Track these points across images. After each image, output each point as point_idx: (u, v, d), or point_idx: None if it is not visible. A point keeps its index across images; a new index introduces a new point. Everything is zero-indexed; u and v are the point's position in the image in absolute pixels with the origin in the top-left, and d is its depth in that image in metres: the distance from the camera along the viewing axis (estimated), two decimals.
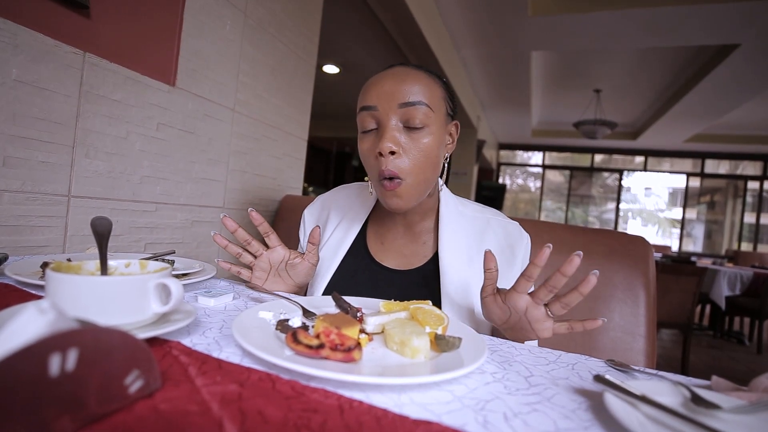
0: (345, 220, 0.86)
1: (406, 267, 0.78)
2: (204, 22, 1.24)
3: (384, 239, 0.82)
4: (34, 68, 0.84)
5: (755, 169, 8.10)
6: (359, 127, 0.71)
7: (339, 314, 0.50)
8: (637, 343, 0.93)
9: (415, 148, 0.67)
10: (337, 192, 0.93)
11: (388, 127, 0.66)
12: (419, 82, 0.67)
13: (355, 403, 0.33)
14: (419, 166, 0.67)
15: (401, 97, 0.66)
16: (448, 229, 0.77)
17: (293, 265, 0.73)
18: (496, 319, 0.60)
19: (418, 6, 3.02)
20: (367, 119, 0.69)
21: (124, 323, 0.41)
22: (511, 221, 0.82)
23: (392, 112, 0.66)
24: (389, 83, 0.67)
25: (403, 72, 0.68)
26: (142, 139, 1.10)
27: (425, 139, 0.67)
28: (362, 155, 0.71)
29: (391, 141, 0.65)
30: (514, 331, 0.60)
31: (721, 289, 3.59)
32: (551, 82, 5.60)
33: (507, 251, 0.77)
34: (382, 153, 0.65)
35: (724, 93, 4.88)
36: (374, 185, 0.72)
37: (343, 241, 0.82)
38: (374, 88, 0.68)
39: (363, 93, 0.70)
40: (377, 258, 0.80)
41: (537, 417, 0.34)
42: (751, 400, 0.38)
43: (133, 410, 0.29)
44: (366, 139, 0.70)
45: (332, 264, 0.80)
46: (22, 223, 0.86)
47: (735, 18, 3.23)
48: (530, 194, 9.94)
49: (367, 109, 0.68)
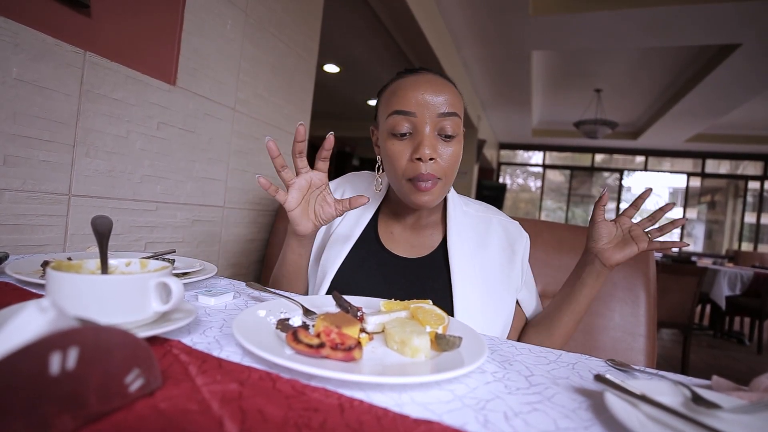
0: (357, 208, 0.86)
1: (415, 255, 0.82)
2: (204, 21, 1.24)
3: (393, 229, 0.85)
4: (34, 67, 0.84)
5: (756, 169, 8.09)
6: (389, 128, 0.72)
7: (339, 313, 0.50)
8: (638, 342, 0.93)
9: (448, 155, 0.72)
10: (350, 178, 0.94)
11: (428, 135, 0.70)
12: (452, 93, 0.73)
13: (356, 402, 0.33)
14: (451, 170, 0.73)
15: (440, 108, 0.70)
16: (455, 222, 0.82)
17: (324, 200, 0.71)
18: (605, 235, 0.72)
19: (418, 5, 3.02)
20: (401, 123, 0.71)
21: (125, 322, 0.41)
22: (512, 221, 0.87)
23: (432, 120, 0.70)
24: (429, 92, 0.70)
25: (438, 82, 0.73)
26: (143, 138, 1.10)
27: (456, 146, 0.73)
28: (392, 156, 0.73)
29: (431, 148, 0.70)
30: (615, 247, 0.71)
31: (721, 289, 3.59)
32: (552, 81, 5.59)
33: (508, 249, 0.82)
34: (423, 159, 0.69)
35: (725, 93, 4.88)
36: (399, 183, 0.74)
37: (354, 229, 0.84)
38: (412, 95, 0.70)
39: (396, 96, 0.72)
40: (387, 246, 0.83)
41: (537, 416, 0.34)
42: (752, 399, 0.38)
43: (134, 409, 0.29)
44: (399, 142, 0.72)
45: (343, 250, 0.82)
46: (23, 221, 0.86)
47: (736, 18, 3.22)
48: (531, 194, 9.94)
49: (403, 113, 0.71)
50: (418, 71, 0.75)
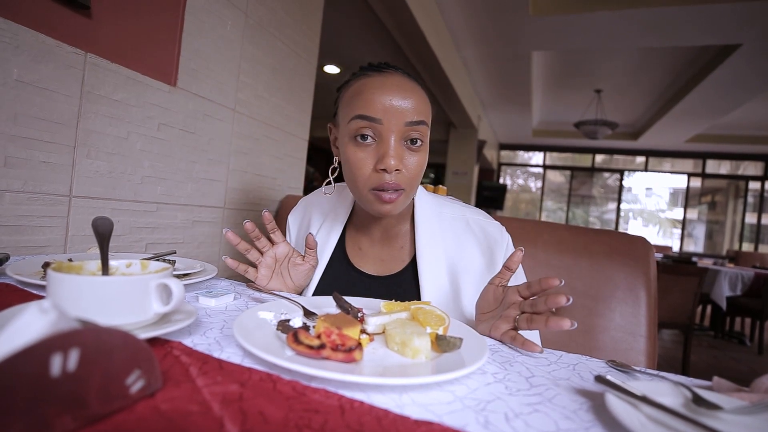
0: (325, 225, 0.86)
1: (384, 273, 0.79)
2: (205, 22, 1.24)
3: (361, 244, 0.82)
4: (35, 68, 0.85)
5: (756, 169, 8.08)
6: (351, 132, 0.67)
7: (340, 314, 0.50)
8: (638, 343, 0.93)
9: (413, 164, 0.68)
10: (317, 195, 0.92)
11: (393, 144, 0.66)
12: (420, 98, 0.68)
13: (356, 403, 0.33)
14: (415, 180, 0.69)
15: (407, 116, 0.65)
16: (425, 233, 0.77)
17: (295, 265, 0.75)
18: (487, 306, 0.60)
19: (419, 6, 3.02)
20: (364, 128, 0.66)
21: (126, 323, 0.41)
22: (492, 222, 0.79)
23: (398, 129, 0.66)
24: (396, 97, 0.65)
25: (407, 86, 0.67)
26: (143, 139, 1.10)
27: (421, 155, 0.69)
28: (353, 164, 0.67)
29: (396, 159, 0.65)
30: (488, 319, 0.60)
31: (722, 290, 3.58)
32: (552, 82, 5.59)
33: (487, 252, 0.75)
34: (388, 170, 0.65)
35: (726, 93, 4.88)
36: (361, 193, 0.69)
37: (325, 247, 0.83)
38: (378, 99, 0.65)
39: (361, 98, 0.66)
40: (356, 264, 0.80)
41: (538, 417, 0.34)
42: (753, 400, 0.38)
43: (135, 410, 0.29)
44: (361, 149, 0.67)
45: (318, 269, 0.81)
46: (24, 223, 0.86)
47: (736, 18, 3.22)
48: (531, 194, 9.93)
49: (368, 119, 0.65)
50: (384, 70, 0.68)
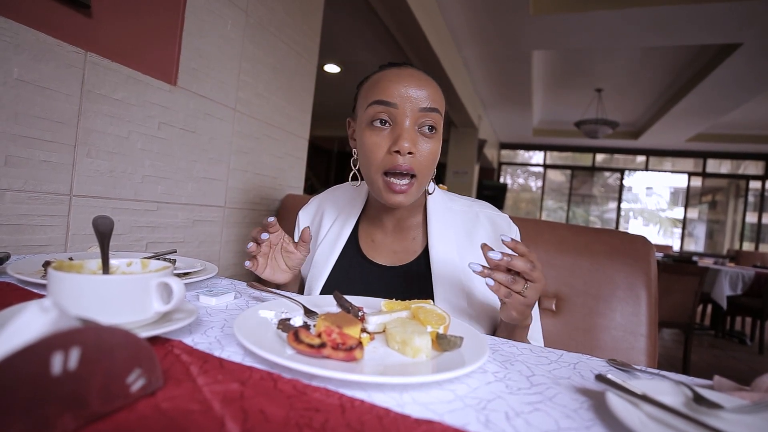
0: (339, 220, 0.88)
1: (396, 263, 0.80)
2: (205, 22, 1.24)
3: (374, 237, 0.84)
4: (35, 67, 0.85)
5: (757, 168, 8.07)
6: (368, 118, 0.70)
7: (340, 313, 0.50)
8: (639, 342, 0.93)
9: (426, 151, 0.70)
10: (331, 192, 0.95)
11: (408, 128, 0.68)
12: (435, 89, 0.71)
13: (357, 402, 0.33)
14: (428, 168, 0.71)
15: (422, 102, 0.69)
16: (437, 224, 0.79)
17: (286, 250, 0.76)
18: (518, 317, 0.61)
19: (419, 5, 3.02)
20: (381, 113, 0.69)
21: (126, 322, 0.41)
22: (501, 214, 0.83)
23: (413, 114, 0.69)
24: (412, 86, 0.69)
25: (422, 77, 0.71)
26: (144, 138, 1.10)
27: (434, 143, 0.71)
28: (369, 147, 0.70)
29: (410, 141, 0.67)
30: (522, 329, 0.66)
31: (722, 289, 3.58)
32: (552, 81, 5.59)
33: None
34: (401, 152, 0.67)
35: (726, 92, 4.87)
36: (374, 179, 0.71)
37: (337, 241, 0.84)
38: (394, 86, 0.68)
39: (378, 86, 0.70)
40: (368, 255, 0.82)
41: (539, 416, 0.34)
42: (754, 399, 0.38)
43: (135, 409, 0.29)
44: (376, 133, 0.70)
45: (328, 263, 0.82)
46: (24, 222, 0.86)
47: (737, 17, 3.22)
48: (531, 194, 9.93)
49: (384, 104, 0.68)
50: (402, 65, 0.73)
